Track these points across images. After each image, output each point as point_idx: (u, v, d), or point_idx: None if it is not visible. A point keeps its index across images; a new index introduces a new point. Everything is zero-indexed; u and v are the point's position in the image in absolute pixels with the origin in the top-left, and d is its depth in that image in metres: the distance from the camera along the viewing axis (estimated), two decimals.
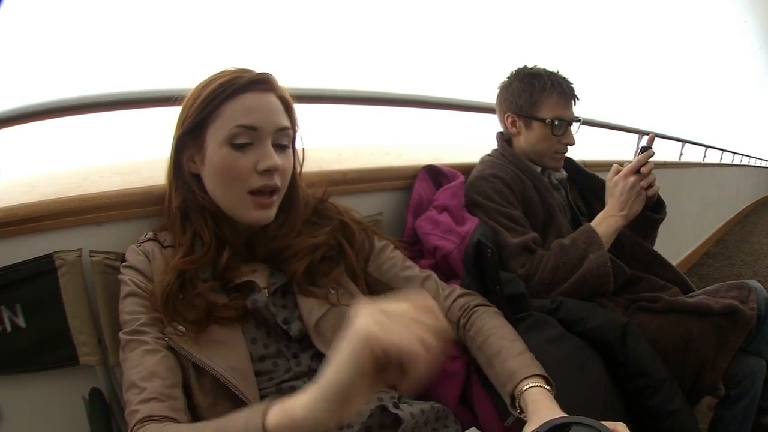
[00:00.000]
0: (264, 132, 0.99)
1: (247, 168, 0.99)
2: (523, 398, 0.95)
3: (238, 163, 0.99)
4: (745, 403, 1.48)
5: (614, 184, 1.49)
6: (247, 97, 0.98)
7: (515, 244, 1.44)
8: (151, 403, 0.86)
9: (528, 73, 1.67)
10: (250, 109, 0.98)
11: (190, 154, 1.04)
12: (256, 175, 1.00)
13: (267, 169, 0.99)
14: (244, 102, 0.98)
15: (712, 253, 5.92)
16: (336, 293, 1.10)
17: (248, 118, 0.98)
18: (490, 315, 1.14)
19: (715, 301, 1.38)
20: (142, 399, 0.87)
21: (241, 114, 0.98)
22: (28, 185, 1.30)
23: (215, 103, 0.97)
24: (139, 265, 1.02)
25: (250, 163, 0.99)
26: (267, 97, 1.01)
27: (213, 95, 0.98)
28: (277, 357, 1.02)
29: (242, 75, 0.99)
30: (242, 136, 0.98)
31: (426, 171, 1.67)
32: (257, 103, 0.99)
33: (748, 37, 8.98)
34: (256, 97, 0.99)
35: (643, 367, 1.24)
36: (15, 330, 1.09)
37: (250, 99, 0.99)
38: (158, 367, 0.91)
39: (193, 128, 1.00)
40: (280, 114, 1.03)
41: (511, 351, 1.04)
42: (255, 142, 0.99)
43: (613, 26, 6.72)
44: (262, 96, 1.00)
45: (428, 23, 5.26)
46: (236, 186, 1.00)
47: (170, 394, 0.90)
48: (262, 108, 1.00)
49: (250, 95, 0.99)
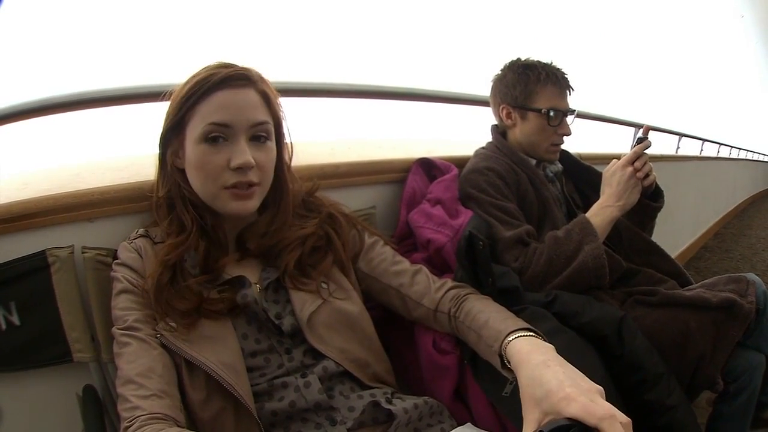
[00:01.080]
0: (237, 128, 0.99)
1: (220, 165, 0.99)
2: (508, 353, 0.93)
3: (212, 160, 0.99)
4: (744, 398, 1.46)
5: (611, 175, 1.48)
6: (220, 94, 0.99)
7: (509, 237, 1.44)
8: (151, 400, 0.86)
9: (522, 64, 1.66)
10: (223, 106, 0.98)
11: (174, 149, 1.05)
12: (230, 172, 1.00)
13: (239, 167, 0.99)
14: (217, 99, 0.98)
15: (709, 246, 5.92)
16: (328, 288, 1.11)
17: (220, 115, 0.98)
18: (479, 299, 1.14)
19: (713, 295, 1.38)
20: (141, 395, 0.87)
21: (214, 111, 0.98)
22: (20, 182, 1.30)
23: (192, 101, 0.98)
24: (131, 262, 1.02)
25: (223, 160, 0.99)
26: (242, 93, 1.01)
27: (189, 93, 0.99)
28: (269, 353, 1.03)
29: (218, 72, 0.99)
30: (215, 133, 0.99)
31: (419, 164, 1.67)
32: (230, 99, 0.99)
33: (745, 31, 8.97)
34: (230, 93, 0.99)
35: (640, 362, 1.24)
36: (10, 328, 1.09)
37: (224, 96, 0.99)
38: (156, 364, 0.91)
39: (174, 126, 1.02)
40: (256, 109, 1.02)
41: (498, 317, 1.04)
42: (229, 139, 1.00)
43: (609, 19, 6.71)
44: (237, 92, 1.00)
45: (421, 16, 5.25)
46: (211, 182, 1.01)
47: (168, 392, 0.90)
48: (236, 104, 0.99)
49: (224, 92, 0.99)
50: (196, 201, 1.05)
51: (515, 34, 5.29)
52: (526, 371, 0.84)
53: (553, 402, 0.74)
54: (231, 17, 3.73)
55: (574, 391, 0.73)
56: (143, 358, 0.91)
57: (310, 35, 4.56)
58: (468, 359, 1.17)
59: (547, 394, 0.75)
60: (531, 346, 0.90)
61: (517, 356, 0.89)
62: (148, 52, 2.45)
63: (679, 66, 8.86)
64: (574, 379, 0.77)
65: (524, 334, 0.95)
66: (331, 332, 1.07)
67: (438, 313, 1.16)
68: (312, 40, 4.49)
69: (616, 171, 1.47)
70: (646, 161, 1.47)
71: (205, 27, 3.36)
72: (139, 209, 1.19)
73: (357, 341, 1.10)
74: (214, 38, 3.34)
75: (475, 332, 1.06)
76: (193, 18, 3.22)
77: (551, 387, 0.76)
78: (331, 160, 1.57)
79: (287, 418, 0.99)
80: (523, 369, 0.85)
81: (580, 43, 5.96)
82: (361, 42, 4.47)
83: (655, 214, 1.68)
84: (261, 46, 2.51)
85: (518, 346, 0.91)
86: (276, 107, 1.08)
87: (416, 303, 1.18)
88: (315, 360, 1.05)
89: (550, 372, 0.79)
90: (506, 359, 0.94)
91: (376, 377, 1.12)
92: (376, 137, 2.62)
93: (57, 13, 2.07)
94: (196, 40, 3.06)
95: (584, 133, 2.38)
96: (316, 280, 1.10)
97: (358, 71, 1.96)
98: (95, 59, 2.22)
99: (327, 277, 1.13)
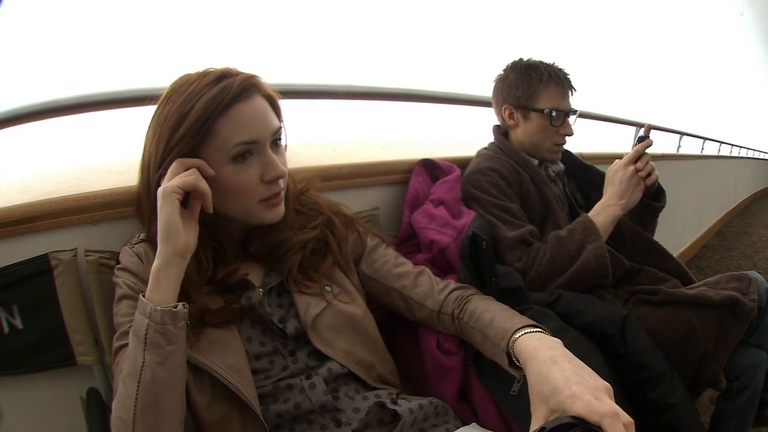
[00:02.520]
0: (263, 141, 0.96)
1: (254, 180, 0.97)
2: (516, 350, 0.93)
3: (245, 178, 0.96)
4: (747, 396, 1.46)
5: (613, 173, 1.48)
6: (237, 108, 0.94)
7: (512, 238, 1.44)
8: None
9: (524, 64, 1.66)
10: (245, 123, 0.94)
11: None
12: (264, 185, 0.98)
13: (275, 179, 0.98)
14: (237, 116, 0.94)
15: (711, 245, 5.91)
16: (332, 290, 1.11)
17: (246, 134, 0.94)
18: (482, 299, 1.14)
19: (716, 293, 1.38)
20: None
21: (238, 130, 0.94)
22: (22, 186, 1.30)
23: (208, 125, 0.92)
24: (132, 266, 1.01)
25: (256, 175, 0.97)
26: (256, 103, 0.97)
27: (204, 116, 0.92)
28: (274, 355, 1.03)
29: (228, 86, 0.93)
30: (244, 150, 0.95)
31: (422, 165, 1.67)
32: (248, 113, 0.95)
33: (745, 29, 8.96)
34: (246, 107, 0.95)
35: (644, 361, 1.24)
36: (12, 331, 1.09)
37: (242, 110, 0.94)
38: None
39: (188, 152, 0.94)
40: (271, 116, 0.99)
41: (503, 316, 1.04)
42: (255, 152, 0.96)
43: (609, 18, 6.71)
44: (252, 103, 0.96)
45: (423, 17, 5.25)
46: (246, 199, 0.98)
47: None
48: (256, 117, 0.96)
49: (240, 105, 0.94)
50: (207, 220, 1.00)
51: (517, 34, 5.30)
52: (535, 368, 0.83)
53: (559, 400, 0.74)
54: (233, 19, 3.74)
55: (580, 389, 0.73)
56: None
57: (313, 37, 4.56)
58: (472, 360, 1.16)
59: (554, 392, 0.75)
60: (539, 342, 0.89)
61: (525, 352, 0.89)
62: (149, 55, 2.45)
63: (680, 65, 8.86)
64: (581, 375, 0.77)
65: (531, 330, 0.95)
66: (336, 334, 1.07)
67: (441, 314, 1.16)
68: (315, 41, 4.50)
69: (618, 170, 1.47)
70: (647, 161, 1.47)
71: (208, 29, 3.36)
72: None
73: (361, 343, 1.10)
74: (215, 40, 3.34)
75: (480, 332, 1.05)
76: (194, 20, 3.22)
77: (558, 384, 0.76)
78: (333, 161, 1.57)
79: (292, 420, 0.99)
80: (532, 365, 0.85)
81: (581, 43, 5.96)
82: (363, 43, 4.48)
83: (657, 214, 1.69)
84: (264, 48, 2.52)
85: (526, 343, 0.91)
86: (279, 108, 1.06)
87: (419, 305, 1.18)
88: (319, 362, 1.05)
89: (557, 369, 0.79)
90: (514, 356, 0.94)
91: (380, 378, 1.12)
92: (378, 138, 2.62)
93: (58, 16, 2.07)
94: (198, 42, 3.06)
95: (585, 133, 2.38)
96: (319, 283, 1.09)
97: (360, 73, 1.96)
98: (97, 62, 2.22)
99: (330, 280, 1.13)
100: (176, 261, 0.89)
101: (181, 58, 1.39)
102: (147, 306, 0.85)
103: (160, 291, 0.87)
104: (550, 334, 0.95)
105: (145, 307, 0.85)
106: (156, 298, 0.86)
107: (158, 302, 0.85)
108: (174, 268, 0.89)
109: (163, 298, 0.87)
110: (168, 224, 0.88)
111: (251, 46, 2.66)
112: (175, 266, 0.89)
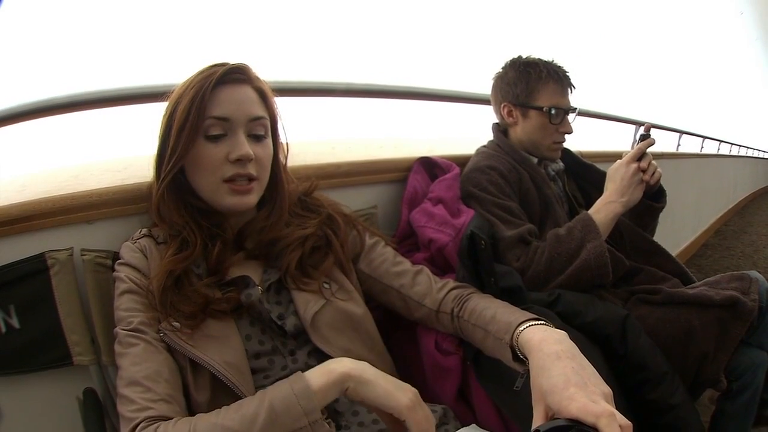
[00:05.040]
0: (236, 122, 1.01)
1: (220, 158, 1.00)
2: (520, 342, 0.93)
3: (212, 154, 1.00)
4: (747, 396, 1.46)
5: (615, 171, 1.48)
6: (220, 89, 1.00)
7: (510, 237, 1.43)
8: (159, 404, 0.86)
9: (523, 62, 1.65)
10: (223, 101, 1.00)
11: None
12: (229, 165, 1.01)
13: (238, 159, 1.00)
14: (218, 95, 0.99)
15: (710, 244, 5.91)
16: (330, 288, 1.10)
17: (220, 109, 0.99)
18: (482, 297, 1.14)
19: (716, 293, 1.38)
20: (150, 398, 0.86)
21: (214, 106, 0.99)
22: (19, 185, 1.29)
23: (202, 101, 0.98)
24: (135, 261, 1.01)
25: (223, 153, 1.00)
26: (240, 89, 1.03)
27: (197, 95, 0.98)
28: (273, 354, 1.02)
29: (216, 70, 1.00)
30: (215, 127, 1.00)
31: (420, 163, 1.66)
32: (230, 94, 1.01)
33: (745, 28, 8.97)
34: (229, 89, 1.01)
35: (644, 361, 1.23)
36: (9, 331, 1.08)
37: (223, 92, 1.00)
38: (163, 368, 0.91)
39: (187, 140, 0.99)
40: (254, 104, 1.04)
41: (505, 311, 1.03)
42: (228, 133, 1.01)
43: (609, 16, 6.72)
44: (236, 88, 1.02)
45: (421, 15, 5.26)
46: (211, 176, 1.02)
47: (176, 398, 0.90)
48: (234, 99, 1.01)
49: (224, 87, 1.00)
50: (199, 204, 1.05)
51: (516, 31, 5.30)
52: (538, 360, 0.83)
53: (555, 399, 0.73)
54: (231, 17, 3.73)
55: (578, 393, 0.72)
56: (150, 362, 0.90)
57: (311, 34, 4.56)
58: (471, 360, 1.16)
59: (552, 390, 0.75)
60: (545, 334, 0.89)
61: (530, 343, 0.89)
62: (146, 53, 2.44)
63: (679, 63, 8.87)
64: (582, 377, 0.76)
65: (536, 323, 0.94)
66: (335, 333, 1.07)
67: (440, 313, 1.16)
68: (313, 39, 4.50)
69: (620, 167, 1.47)
70: (650, 159, 1.46)
71: (204, 27, 3.36)
72: (138, 210, 1.18)
73: (360, 342, 1.10)
74: (213, 38, 3.33)
75: (481, 329, 1.05)
76: (191, 18, 3.22)
77: (557, 383, 0.75)
78: (332, 159, 1.56)
79: None
80: (534, 357, 0.85)
81: (580, 40, 5.96)
82: (361, 41, 4.48)
83: (657, 214, 1.68)
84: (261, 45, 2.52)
85: (531, 334, 0.91)
86: (272, 104, 1.09)
87: (418, 303, 1.18)
88: (319, 361, 1.03)
89: (559, 366, 0.79)
90: (518, 350, 0.93)
91: None
92: (377, 136, 2.62)
93: (55, 15, 2.06)
94: (195, 40, 3.06)
95: (584, 131, 2.37)
96: (317, 280, 1.09)
97: (358, 70, 1.95)
98: (93, 60, 2.22)
99: (329, 278, 1.12)
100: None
101: (180, 55, 1.39)
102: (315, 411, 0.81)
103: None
104: (555, 327, 0.95)
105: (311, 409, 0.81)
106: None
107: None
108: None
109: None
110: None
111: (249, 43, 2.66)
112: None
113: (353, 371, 0.85)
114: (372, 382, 0.84)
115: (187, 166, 1.03)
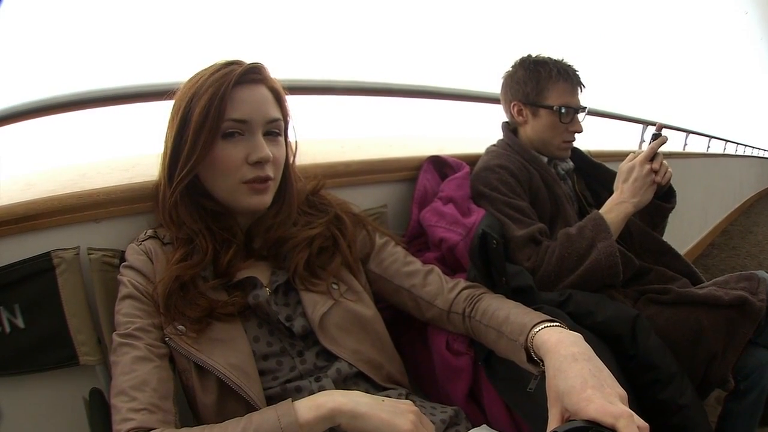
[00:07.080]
0: (254, 124, 1.00)
1: (239, 160, 0.99)
2: (535, 343, 0.92)
3: (230, 155, 0.99)
4: (754, 396, 1.46)
5: (629, 170, 1.47)
6: (237, 90, 0.98)
7: (521, 236, 1.42)
8: (142, 414, 0.85)
9: (533, 61, 1.65)
10: (241, 102, 0.98)
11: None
12: (248, 167, 1.00)
13: (258, 161, 0.99)
14: (235, 96, 0.98)
15: (717, 243, 5.90)
16: (338, 288, 1.10)
17: (238, 111, 0.98)
18: (494, 298, 1.13)
19: (725, 293, 1.37)
20: (133, 408, 0.85)
21: (232, 108, 0.98)
22: (25, 183, 1.29)
23: (220, 102, 0.96)
24: (139, 265, 1.00)
25: (242, 155, 0.99)
26: (257, 89, 1.02)
27: (213, 99, 0.96)
28: (281, 355, 1.01)
29: (233, 71, 0.98)
30: (233, 129, 0.98)
31: (431, 162, 1.66)
32: (247, 95, 0.99)
33: (750, 28, 8.96)
34: (247, 89, 1.00)
35: (654, 361, 1.23)
36: (14, 331, 1.08)
37: (241, 92, 0.99)
38: (150, 377, 0.90)
39: (204, 140, 0.97)
40: (271, 105, 1.03)
41: (518, 312, 1.03)
42: (246, 134, 1.00)
43: (616, 16, 6.71)
44: (252, 88, 1.01)
45: (432, 13, 5.25)
46: (230, 178, 1.00)
47: (161, 406, 0.88)
48: (252, 100, 1.00)
49: (241, 88, 0.99)
50: (211, 206, 1.04)
51: (526, 30, 5.29)
52: (553, 362, 0.83)
53: (573, 401, 0.73)
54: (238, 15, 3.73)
55: (596, 394, 0.72)
56: (138, 371, 0.89)
57: (320, 32, 4.56)
58: (482, 361, 1.15)
59: (569, 391, 0.75)
60: (560, 335, 0.89)
61: (545, 346, 0.89)
62: (152, 51, 2.44)
63: (686, 63, 8.86)
64: (599, 379, 0.76)
65: (551, 324, 0.94)
66: (344, 333, 1.06)
67: (451, 313, 1.15)
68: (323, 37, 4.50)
69: (634, 167, 1.46)
70: (661, 160, 1.45)
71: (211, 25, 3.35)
72: (145, 209, 1.17)
73: (369, 342, 1.09)
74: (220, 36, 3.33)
75: (494, 330, 1.04)
76: (199, 16, 3.22)
77: (575, 384, 0.75)
78: (341, 158, 1.56)
79: None
80: (550, 359, 0.84)
81: (589, 40, 5.95)
82: (371, 39, 4.48)
83: (666, 214, 1.68)
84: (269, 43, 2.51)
85: (547, 336, 0.91)
86: (285, 104, 1.08)
87: (429, 304, 1.17)
88: (328, 362, 1.03)
89: (576, 367, 0.79)
90: (533, 351, 0.93)
91: (390, 378, 1.11)
92: (386, 135, 2.62)
93: (60, 13, 2.06)
94: (202, 38, 3.05)
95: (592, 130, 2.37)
96: (326, 280, 1.09)
97: (368, 69, 1.95)
98: (99, 58, 2.22)
99: (337, 278, 1.12)
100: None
101: (186, 53, 1.39)
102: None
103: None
104: (569, 329, 0.94)
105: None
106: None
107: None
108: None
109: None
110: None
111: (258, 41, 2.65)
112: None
113: (344, 406, 0.83)
114: (366, 415, 0.83)
115: (201, 167, 1.01)
